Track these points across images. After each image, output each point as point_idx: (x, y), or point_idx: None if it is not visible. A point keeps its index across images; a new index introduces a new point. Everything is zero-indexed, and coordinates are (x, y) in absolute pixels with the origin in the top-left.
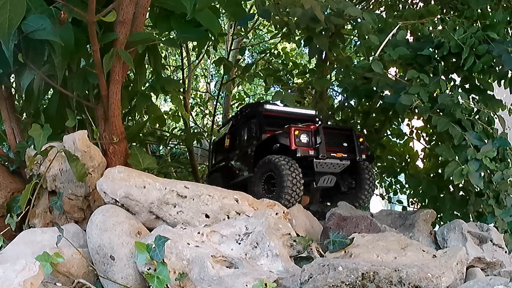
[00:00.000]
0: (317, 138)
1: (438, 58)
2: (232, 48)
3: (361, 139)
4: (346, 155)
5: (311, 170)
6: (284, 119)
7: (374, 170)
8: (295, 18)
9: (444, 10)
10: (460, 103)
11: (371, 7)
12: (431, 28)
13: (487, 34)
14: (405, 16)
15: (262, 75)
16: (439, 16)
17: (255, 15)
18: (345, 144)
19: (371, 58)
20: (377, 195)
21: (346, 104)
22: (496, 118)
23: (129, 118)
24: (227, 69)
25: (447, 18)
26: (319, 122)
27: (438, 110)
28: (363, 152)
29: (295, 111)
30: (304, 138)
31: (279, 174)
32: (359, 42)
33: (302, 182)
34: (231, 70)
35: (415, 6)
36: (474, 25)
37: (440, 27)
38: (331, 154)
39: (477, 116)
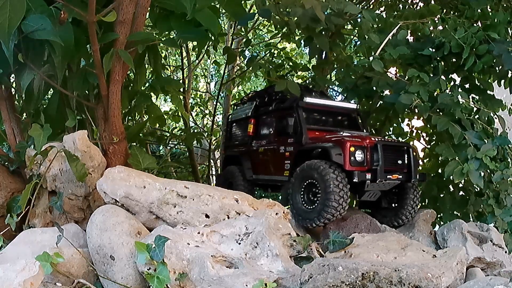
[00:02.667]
0: (373, 155)
1: (438, 58)
2: (232, 48)
3: (414, 153)
4: (401, 176)
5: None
6: (325, 113)
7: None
8: (295, 18)
9: (445, 10)
10: (460, 102)
11: (371, 7)
12: (431, 28)
13: (488, 34)
14: (405, 15)
15: (266, 65)
16: (439, 16)
17: (255, 15)
18: (400, 162)
19: (371, 58)
20: None
21: None
22: (496, 118)
23: (129, 118)
24: (231, 58)
25: (448, 18)
26: (364, 130)
27: (438, 110)
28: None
29: (335, 104)
30: (359, 155)
31: (323, 184)
32: (359, 42)
33: (349, 194)
34: (235, 60)
35: (415, 6)
36: (475, 25)
37: (440, 27)
38: (387, 177)
39: (476, 116)
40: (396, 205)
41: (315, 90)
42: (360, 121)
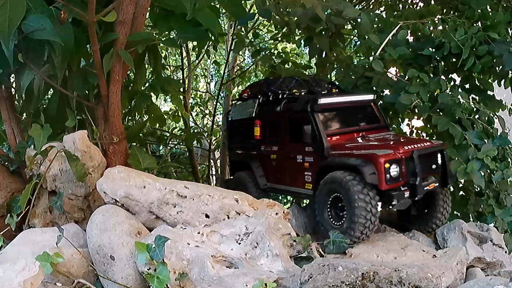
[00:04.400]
0: (408, 166)
1: (438, 58)
2: (232, 48)
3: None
4: (437, 184)
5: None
6: (342, 111)
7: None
8: (295, 18)
9: (444, 10)
10: (461, 102)
11: (371, 7)
12: (431, 28)
13: (488, 34)
14: (405, 15)
15: (272, 59)
16: (439, 16)
17: (255, 15)
18: (434, 167)
19: (371, 58)
20: None
21: None
22: (496, 118)
23: (129, 118)
24: (240, 44)
25: (448, 19)
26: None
27: (438, 110)
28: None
29: (352, 99)
30: (394, 170)
31: (349, 198)
32: (359, 42)
33: (379, 209)
34: (244, 46)
35: (415, 6)
36: (475, 25)
37: (440, 27)
38: (424, 189)
39: (476, 116)
40: (426, 211)
41: (322, 79)
42: (377, 111)
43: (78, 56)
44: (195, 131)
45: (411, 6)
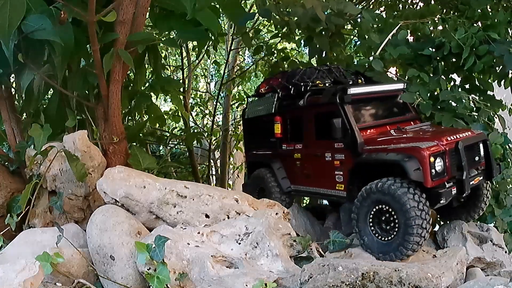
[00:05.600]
0: (452, 159)
1: (438, 58)
2: (232, 48)
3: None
4: (482, 177)
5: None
6: (373, 102)
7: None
8: (295, 18)
9: (444, 10)
10: (462, 99)
11: (371, 7)
12: (432, 28)
13: (488, 34)
14: (405, 15)
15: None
16: (439, 16)
17: (255, 15)
18: (477, 158)
19: (371, 58)
20: None
21: None
22: (496, 117)
23: (129, 118)
24: (247, 40)
25: (448, 18)
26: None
27: (439, 108)
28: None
29: (384, 88)
30: (439, 165)
31: (400, 210)
32: (359, 42)
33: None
34: (251, 40)
35: (415, 6)
36: (475, 25)
37: (440, 27)
38: (470, 183)
39: (476, 115)
40: (466, 205)
41: (346, 69)
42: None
43: (78, 56)
44: (195, 131)
45: (411, 6)
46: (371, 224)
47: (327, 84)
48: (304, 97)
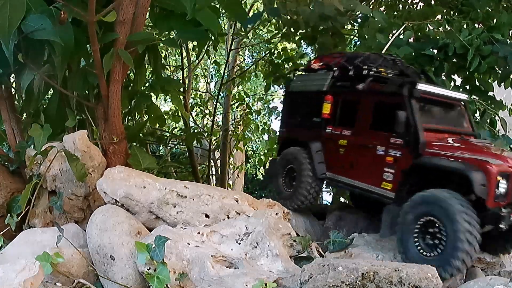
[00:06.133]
0: None
1: (439, 58)
2: (232, 48)
3: None
4: None
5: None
6: (437, 106)
7: None
8: (301, 17)
9: (445, 10)
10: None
11: (371, 7)
12: (434, 29)
13: (492, 35)
14: (406, 16)
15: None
16: (444, 17)
17: (262, 14)
18: None
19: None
20: None
21: None
22: (498, 120)
23: (129, 118)
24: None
25: (452, 19)
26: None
27: None
28: None
29: (450, 94)
30: (502, 186)
31: (450, 225)
32: (359, 42)
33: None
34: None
35: (415, 6)
36: (479, 26)
37: (443, 28)
38: None
39: (477, 115)
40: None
41: (409, 66)
42: (467, 114)
43: (78, 56)
44: (195, 131)
45: (411, 6)
46: (415, 237)
47: (390, 74)
48: (365, 82)
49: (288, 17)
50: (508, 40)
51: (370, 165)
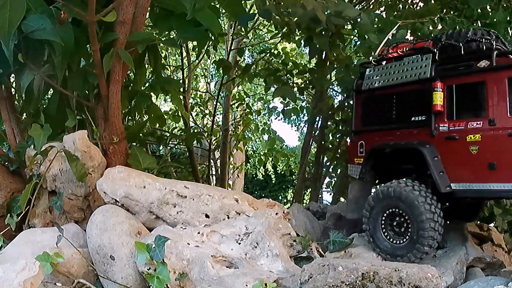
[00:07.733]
0: None
1: None
2: (232, 48)
3: None
4: None
5: None
6: None
7: None
8: (295, 19)
9: (444, 10)
10: None
11: (371, 7)
12: (431, 28)
13: None
14: (405, 15)
15: (262, 74)
16: (439, 16)
17: (255, 15)
18: None
19: (371, 58)
20: None
21: (346, 104)
22: None
23: (129, 118)
24: (226, 69)
25: (446, 18)
26: None
27: None
28: None
29: None
30: None
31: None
32: (359, 42)
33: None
34: (230, 70)
35: (415, 6)
36: (474, 24)
37: (439, 27)
38: None
39: None
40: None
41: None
42: None
43: (78, 56)
44: (195, 131)
45: (411, 6)
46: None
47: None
48: (491, 57)
49: (279, 18)
50: (506, 38)
51: None
